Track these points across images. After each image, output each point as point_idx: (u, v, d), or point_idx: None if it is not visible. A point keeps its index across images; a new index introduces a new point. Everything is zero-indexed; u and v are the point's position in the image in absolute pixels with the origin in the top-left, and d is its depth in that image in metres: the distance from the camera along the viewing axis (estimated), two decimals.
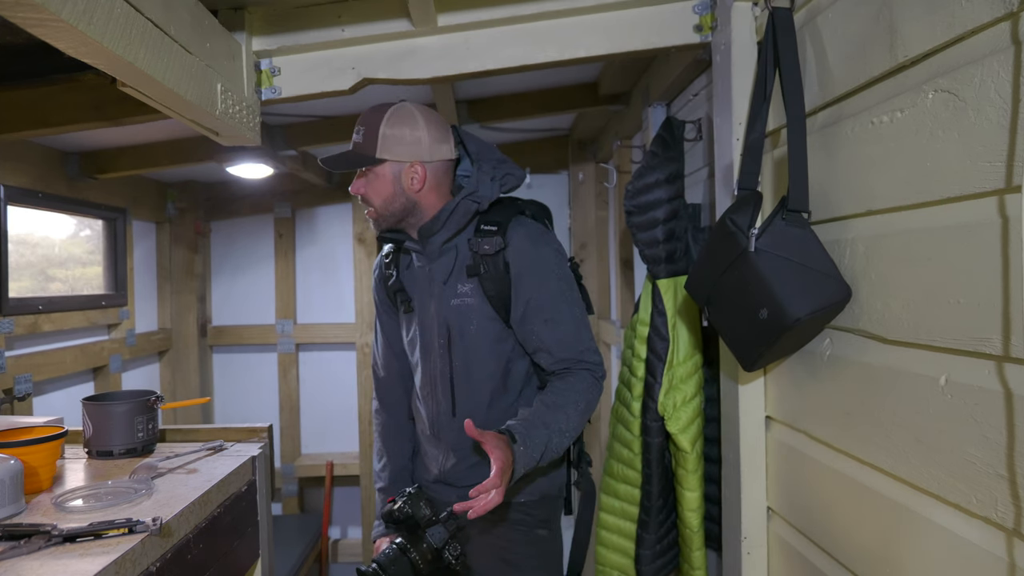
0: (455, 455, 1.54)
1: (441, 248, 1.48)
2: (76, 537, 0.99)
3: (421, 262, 1.52)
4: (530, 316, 1.44)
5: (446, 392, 1.51)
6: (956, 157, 0.78)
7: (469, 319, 1.47)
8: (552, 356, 1.45)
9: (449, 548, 1.35)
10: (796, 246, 1.02)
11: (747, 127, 1.16)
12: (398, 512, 1.38)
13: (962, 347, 0.78)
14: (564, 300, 1.46)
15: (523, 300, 1.44)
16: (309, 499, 3.75)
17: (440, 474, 1.57)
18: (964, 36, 0.77)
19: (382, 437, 1.68)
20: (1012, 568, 0.71)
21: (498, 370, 1.50)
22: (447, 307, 1.48)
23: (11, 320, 2.26)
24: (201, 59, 1.26)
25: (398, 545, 1.35)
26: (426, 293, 1.51)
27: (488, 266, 1.44)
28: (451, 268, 1.48)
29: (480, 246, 1.44)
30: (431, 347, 1.52)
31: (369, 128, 1.43)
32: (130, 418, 1.47)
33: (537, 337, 1.45)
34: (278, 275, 3.62)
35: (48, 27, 0.89)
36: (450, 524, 1.36)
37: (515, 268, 1.44)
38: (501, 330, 1.48)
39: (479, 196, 1.45)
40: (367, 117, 1.45)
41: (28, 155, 2.38)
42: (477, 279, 1.46)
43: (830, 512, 1.07)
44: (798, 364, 1.16)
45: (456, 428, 1.49)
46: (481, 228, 1.46)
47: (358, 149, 1.44)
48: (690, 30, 1.44)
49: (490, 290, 1.45)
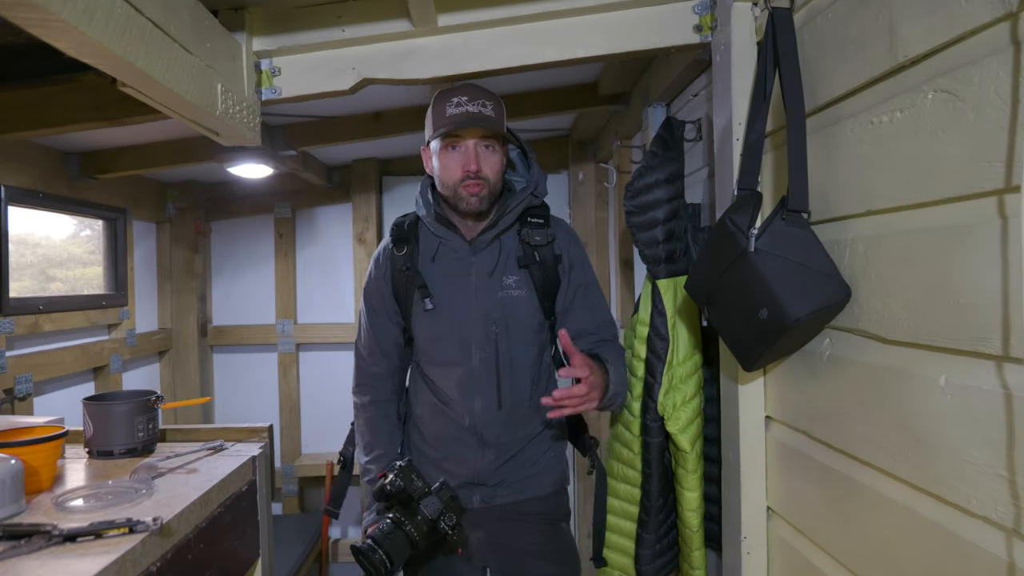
0: (494, 450, 1.54)
1: (491, 240, 1.51)
2: (76, 537, 0.99)
3: (458, 255, 1.52)
4: (576, 304, 1.56)
5: (491, 386, 1.51)
6: (956, 157, 0.78)
7: (516, 311, 1.51)
8: (594, 337, 1.56)
9: (444, 518, 1.35)
10: (796, 246, 1.02)
11: (747, 127, 1.16)
12: (390, 486, 1.36)
13: (962, 347, 0.78)
14: (597, 288, 1.61)
15: (572, 289, 1.55)
16: (309, 499, 3.75)
17: (473, 474, 1.55)
18: (964, 36, 0.77)
19: (372, 431, 1.62)
20: (1012, 568, 0.71)
21: (537, 360, 1.57)
22: (493, 300, 1.50)
23: (11, 320, 2.26)
24: (201, 59, 1.26)
25: (392, 519, 1.33)
26: (462, 287, 1.51)
27: (540, 256, 1.51)
28: (496, 260, 1.52)
29: (532, 237, 1.51)
30: (471, 342, 1.51)
31: (496, 105, 1.47)
32: (130, 418, 1.47)
33: (580, 322, 1.55)
34: (278, 275, 3.62)
35: (48, 27, 0.89)
36: (443, 494, 1.35)
37: (567, 258, 1.54)
38: (542, 320, 1.56)
39: (539, 192, 1.55)
40: (482, 93, 1.46)
41: (28, 155, 2.38)
42: (527, 270, 1.51)
43: (830, 512, 1.07)
44: (798, 364, 1.16)
45: (500, 422, 1.52)
46: (529, 220, 1.54)
47: (492, 122, 1.44)
48: (690, 30, 1.44)
49: (538, 280, 1.52)
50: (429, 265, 1.53)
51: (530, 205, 1.53)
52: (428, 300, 1.51)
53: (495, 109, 1.45)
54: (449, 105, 1.44)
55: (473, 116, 1.43)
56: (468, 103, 1.43)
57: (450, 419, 1.55)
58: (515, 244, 1.52)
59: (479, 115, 1.43)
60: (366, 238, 3.49)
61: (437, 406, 1.57)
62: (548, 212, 1.57)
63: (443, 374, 1.55)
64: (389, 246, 1.58)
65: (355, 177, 3.42)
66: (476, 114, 1.43)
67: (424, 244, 1.55)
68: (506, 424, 1.50)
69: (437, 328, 1.53)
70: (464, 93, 1.45)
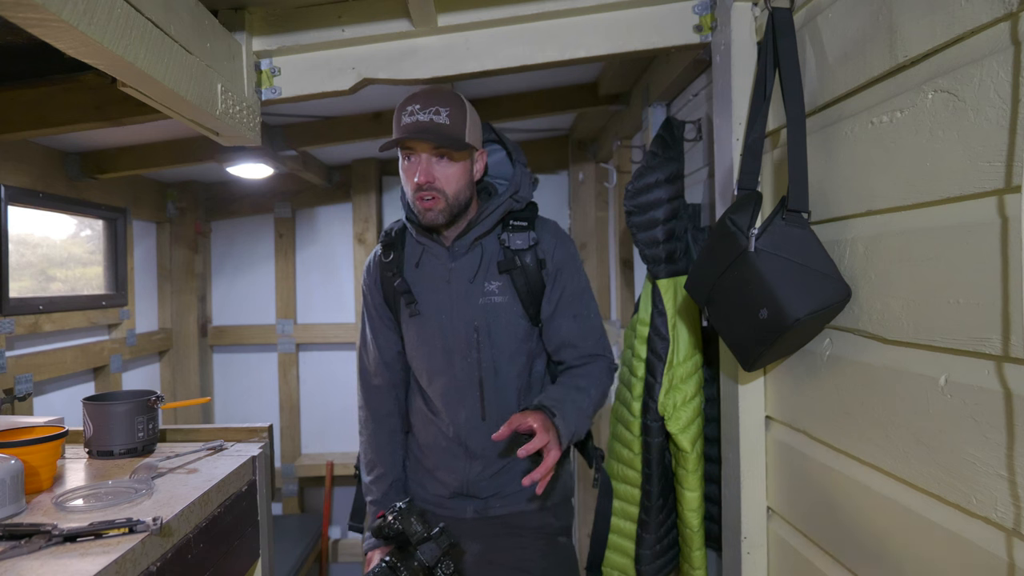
0: (481, 462, 1.50)
1: (470, 246, 1.45)
2: (76, 537, 0.99)
3: (439, 260, 1.46)
4: (560, 311, 1.47)
5: (474, 396, 1.46)
6: (956, 157, 0.78)
7: (498, 318, 1.45)
8: (578, 350, 1.49)
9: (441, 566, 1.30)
10: (796, 246, 1.02)
11: (747, 127, 1.16)
12: (388, 528, 1.32)
13: (962, 347, 0.78)
14: (588, 296, 1.51)
15: (556, 296, 1.47)
16: (309, 499, 3.75)
17: (462, 485, 1.51)
18: (964, 36, 0.77)
19: (374, 448, 1.57)
20: (1012, 568, 0.71)
21: (524, 370, 1.50)
22: (474, 307, 1.44)
23: (12, 320, 2.26)
24: (201, 59, 1.26)
25: (387, 563, 1.30)
26: (443, 294, 1.46)
27: (522, 261, 1.44)
28: (477, 266, 1.45)
29: (512, 241, 1.44)
30: (454, 350, 1.46)
31: (455, 110, 1.34)
32: (130, 418, 1.47)
33: (566, 332, 1.48)
34: (278, 275, 3.62)
35: (48, 27, 0.89)
36: (442, 541, 1.30)
37: (551, 264, 1.46)
38: (528, 328, 1.48)
39: (520, 196, 1.46)
40: (441, 98, 1.35)
41: (28, 155, 2.38)
42: (508, 275, 1.44)
43: (830, 512, 1.07)
44: (798, 364, 1.16)
45: (485, 433, 1.46)
46: (511, 224, 1.46)
47: (444, 131, 1.32)
48: (690, 30, 1.44)
49: (521, 286, 1.44)
50: (413, 271, 1.49)
51: (511, 209, 1.46)
52: (413, 306, 1.46)
53: (451, 115, 1.33)
54: (404, 113, 1.35)
55: (422, 127, 1.32)
56: (420, 111, 1.33)
57: (439, 429, 1.52)
58: (497, 248, 1.46)
59: (429, 125, 1.32)
60: (366, 238, 3.49)
61: (428, 416, 1.54)
62: (535, 214, 1.50)
63: (430, 383, 1.51)
64: (378, 253, 1.55)
65: (355, 177, 3.42)
66: (426, 124, 1.32)
67: (409, 250, 1.51)
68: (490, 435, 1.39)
69: (421, 335, 1.49)
70: (418, 100, 1.34)
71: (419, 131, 1.32)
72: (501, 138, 1.54)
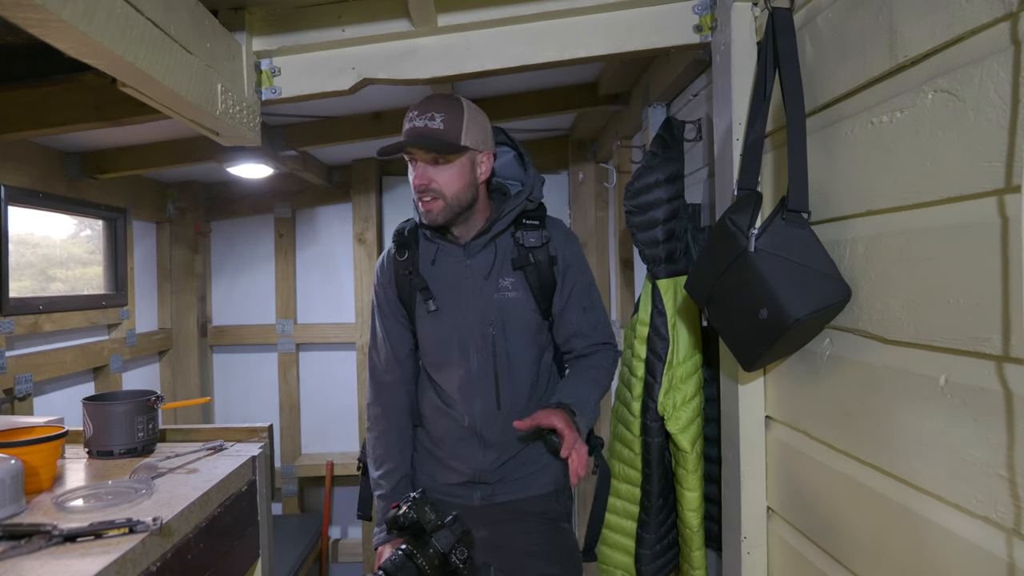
0: (495, 450, 1.56)
1: (485, 244, 1.52)
2: (76, 537, 0.99)
3: (455, 258, 1.53)
4: (571, 305, 1.57)
5: (490, 387, 1.53)
6: (956, 157, 0.78)
7: (512, 313, 1.52)
8: (587, 340, 1.59)
9: (456, 552, 1.34)
10: (796, 246, 1.02)
11: (747, 127, 1.16)
12: (403, 518, 1.36)
13: (962, 347, 0.78)
14: (594, 289, 1.61)
15: (567, 290, 1.56)
16: (309, 499, 3.75)
17: (475, 473, 1.57)
18: (964, 36, 0.77)
19: (384, 443, 1.62)
20: (1012, 568, 0.71)
21: (536, 361, 1.58)
22: (489, 302, 1.51)
23: (11, 320, 2.26)
24: (201, 59, 1.26)
25: (404, 551, 1.33)
26: (459, 290, 1.52)
27: (535, 257, 1.52)
28: (492, 263, 1.53)
29: (526, 239, 1.52)
30: (469, 344, 1.52)
31: (450, 114, 1.40)
32: (130, 418, 1.47)
33: (576, 324, 1.58)
34: (278, 275, 3.62)
35: (48, 27, 0.89)
36: (456, 528, 1.35)
37: (562, 260, 1.55)
38: (540, 322, 1.57)
39: (534, 196, 1.55)
40: (438, 103, 1.41)
41: (28, 155, 2.38)
42: (522, 272, 1.52)
43: (830, 512, 1.07)
44: (798, 364, 1.16)
45: (500, 422, 1.54)
46: (524, 222, 1.54)
47: (437, 136, 1.39)
48: (690, 30, 1.44)
49: (534, 282, 1.53)
50: (429, 268, 1.55)
51: (524, 208, 1.53)
52: (431, 302, 1.52)
53: (446, 120, 1.38)
54: (405, 120, 1.42)
55: (417, 133, 1.39)
56: (417, 118, 1.39)
57: (452, 420, 1.57)
58: (510, 246, 1.54)
59: (423, 131, 1.38)
60: (366, 238, 3.49)
61: (440, 407, 1.59)
62: (544, 214, 1.58)
63: (444, 376, 1.57)
64: (392, 251, 1.60)
65: (355, 177, 3.42)
66: (421, 130, 1.38)
67: (424, 248, 1.57)
68: (505, 424, 1.52)
69: (438, 330, 1.55)
70: (417, 107, 1.41)
71: (414, 137, 1.40)
72: (512, 141, 1.61)
